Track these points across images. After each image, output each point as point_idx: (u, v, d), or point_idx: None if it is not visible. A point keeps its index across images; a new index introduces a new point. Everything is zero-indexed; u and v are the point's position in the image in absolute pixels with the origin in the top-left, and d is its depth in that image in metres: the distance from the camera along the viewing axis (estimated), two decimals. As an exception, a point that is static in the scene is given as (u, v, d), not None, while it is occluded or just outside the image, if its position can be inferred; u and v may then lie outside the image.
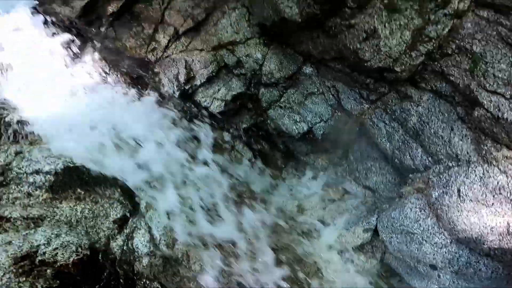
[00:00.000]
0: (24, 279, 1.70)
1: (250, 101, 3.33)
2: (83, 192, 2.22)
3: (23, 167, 2.11)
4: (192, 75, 3.29)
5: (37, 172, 2.11)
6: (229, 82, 3.29)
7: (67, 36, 3.37)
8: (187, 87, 3.28)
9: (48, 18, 3.45)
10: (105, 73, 3.32)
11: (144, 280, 2.10)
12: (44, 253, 1.83)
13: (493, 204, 2.17)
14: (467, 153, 2.41)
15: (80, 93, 2.94)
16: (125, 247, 2.18)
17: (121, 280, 2.04)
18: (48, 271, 1.79)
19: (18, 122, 2.29)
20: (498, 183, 2.16)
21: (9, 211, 1.91)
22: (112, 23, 3.47)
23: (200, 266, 2.29)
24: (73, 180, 2.22)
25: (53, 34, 3.36)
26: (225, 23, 3.31)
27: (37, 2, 3.47)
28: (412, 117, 2.89)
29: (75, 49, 3.37)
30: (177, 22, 3.38)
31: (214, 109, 3.25)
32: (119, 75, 3.38)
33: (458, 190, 2.29)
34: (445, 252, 2.30)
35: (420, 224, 2.39)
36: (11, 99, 2.54)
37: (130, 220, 2.31)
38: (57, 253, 1.85)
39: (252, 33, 3.28)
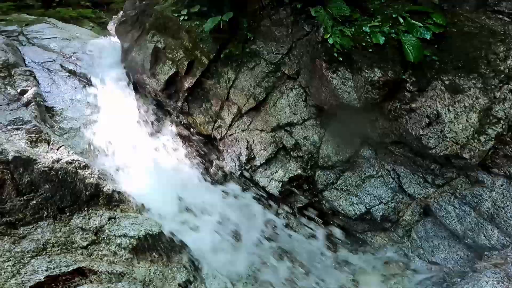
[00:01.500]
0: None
1: (306, 183, 3.29)
2: (157, 256, 2.48)
3: (113, 230, 2.42)
4: (252, 155, 3.41)
5: (124, 235, 2.41)
6: (286, 164, 3.32)
7: (151, 109, 3.95)
8: (247, 167, 3.40)
9: (139, 89, 4.07)
10: (179, 148, 3.64)
11: None
12: (121, 306, 1.99)
13: None
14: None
15: (161, 168, 3.30)
16: (185, 309, 2.33)
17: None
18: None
19: (113, 191, 2.64)
20: None
21: (97, 265, 2.15)
22: (187, 98, 3.90)
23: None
24: (151, 245, 2.49)
25: (141, 106, 3.93)
26: (283, 103, 3.45)
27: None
28: (485, 202, 2.68)
29: (157, 122, 3.86)
30: (241, 100, 3.63)
31: (271, 189, 3.28)
32: (190, 151, 3.68)
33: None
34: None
35: (497, 295, 2.12)
36: (108, 170, 2.93)
37: (192, 284, 2.47)
38: (132, 307, 2.00)
39: (309, 114, 3.35)
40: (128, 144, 3.34)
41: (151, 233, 2.53)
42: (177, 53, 3.88)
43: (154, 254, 2.50)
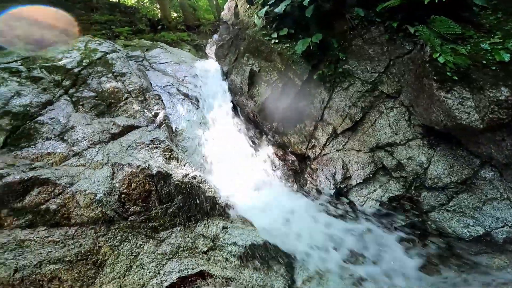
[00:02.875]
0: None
1: (408, 203, 3.13)
2: (259, 264, 2.70)
3: (226, 238, 2.74)
4: (348, 175, 3.40)
5: (234, 244, 2.70)
6: (386, 184, 3.22)
7: (251, 129, 4.27)
8: (342, 186, 3.40)
9: (239, 110, 4.45)
10: (275, 167, 3.85)
11: None
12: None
13: None
14: None
15: (260, 184, 3.57)
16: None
17: None
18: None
19: (226, 204, 3.01)
20: None
21: (214, 269, 2.44)
22: (282, 119, 4.09)
23: None
24: (255, 254, 2.73)
25: (242, 126, 4.32)
26: (383, 123, 3.34)
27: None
28: None
29: (256, 141, 4.17)
30: (336, 121, 3.64)
31: (367, 209, 3.23)
32: (286, 170, 3.85)
33: None
34: None
35: None
36: (220, 186, 3.27)
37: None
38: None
39: (413, 134, 3.17)
40: (234, 161, 3.72)
41: (255, 243, 2.77)
42: (271, 75, 4.12)
43: (257, 262, 2.73)
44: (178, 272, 2.33)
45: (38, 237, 2.25)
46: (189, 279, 2.35)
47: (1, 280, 1.99)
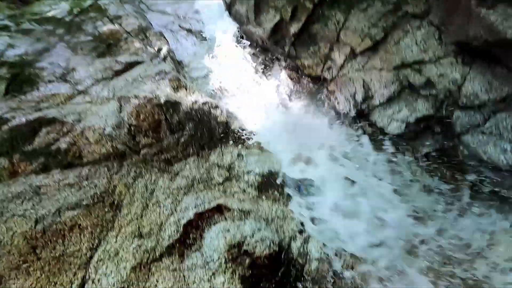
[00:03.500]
0: (230, 264, 2.01)
1: (438, 125, 2.88)
2: (279, 195, 2.56)
3: (241, 166, 2.61)
4: (370, 94, 3.19)
5: (250, 172, 2.57)
6: (413, 103, 2.97)
7: (260, 55, 4.13)
8: (363, 107, 3.21)
9: (246, 39, 4.26)
10: (290, 90, 3.76)
11: (309, 283, 2.17)
12: (248, 244, 2.09)
13: None
14: None
15: (274, 109, 3.51)
16: (301, 249, 2.32)
17: (290, 279, 2.17)
18: (247, 260, 2.04)
19: (239, 130, 2.88)
20: None
21: (230, 202, 2.31)
22: (294, 43, 3.86)
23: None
24: (272, 183, 2.61)
25: (250, 53, 4.17)
26: (408, 42, 3.06)
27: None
28: None
29: (266, 67, 4.04)
30: (354, 41, 3.38)
31: (392, 131, 3.02)
32: (300, 92, 3.74)
33: None
34: None
35: None
36: (233, 111, 3.12)
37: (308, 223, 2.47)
38: (257, 245, 2.09)
39: (445, 52, 2.87)
40: (244, 88, 3.68)
41: (273, 170, 2.65)
42: (280, 0, 3.85)
43: (276, 192, 2.59)
44: (195, 207, 2.23)
45: (53, 181, 2.17)
46: (206, 214, 2.24)
47: (24, 234, 1.93)
